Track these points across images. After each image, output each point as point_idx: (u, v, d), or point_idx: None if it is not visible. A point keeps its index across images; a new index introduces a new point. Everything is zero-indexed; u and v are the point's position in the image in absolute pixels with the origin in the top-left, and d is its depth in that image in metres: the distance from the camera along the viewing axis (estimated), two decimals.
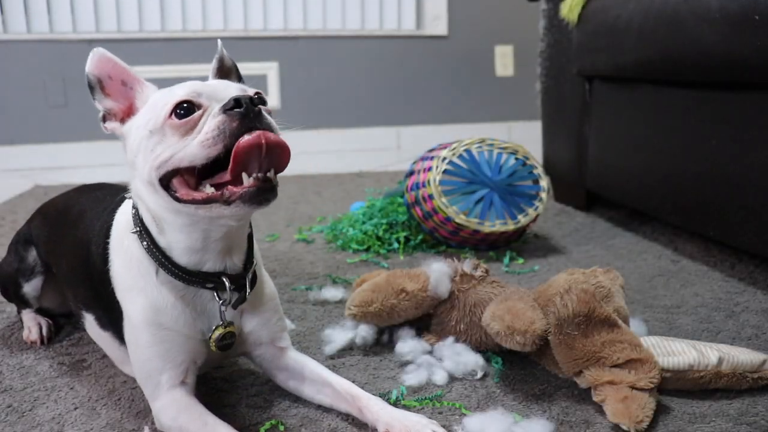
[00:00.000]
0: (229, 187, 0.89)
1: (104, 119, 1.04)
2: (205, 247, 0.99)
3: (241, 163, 0.88)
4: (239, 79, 1.11)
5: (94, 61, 1.02)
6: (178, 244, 0.99)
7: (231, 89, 0.98)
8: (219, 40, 1.11)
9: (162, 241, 1.00)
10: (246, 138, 0.87)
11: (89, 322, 1.19)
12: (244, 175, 0.89)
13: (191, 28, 4.00)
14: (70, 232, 1.23)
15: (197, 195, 0.91)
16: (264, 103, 0.96)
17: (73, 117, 3.83)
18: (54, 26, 3.82)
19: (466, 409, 1.07)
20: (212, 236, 0.99)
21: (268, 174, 0.90)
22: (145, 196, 0.99)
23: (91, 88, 1.03)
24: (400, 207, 2.11)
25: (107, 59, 1.03)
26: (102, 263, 1.08)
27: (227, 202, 0.90)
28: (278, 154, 0.90)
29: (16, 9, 3.75)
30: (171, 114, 0.92)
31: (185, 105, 0.92)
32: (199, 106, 0.93)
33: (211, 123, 0.90)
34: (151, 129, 0.94)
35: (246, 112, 0.89)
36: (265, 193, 0.90)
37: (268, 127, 0.90)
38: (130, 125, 1.01)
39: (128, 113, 1.03)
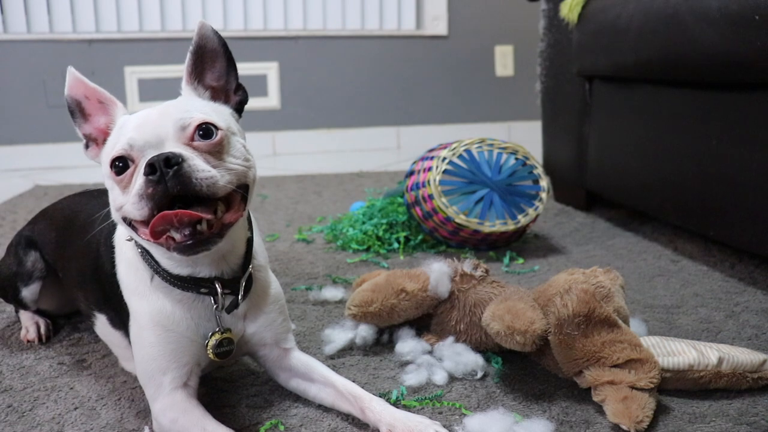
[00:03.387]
0: (166, 239, 0.89)
1: (87, 146, 1.05)
2: (192, 264, 1.00)
3: (159, 234, 0.89)
4: (228, 60, 1.05)
5: (70, 83, 1.03)
6: (163, 261, 1.01)
7: (165, 131, 0.94)
8: (200, 20, 1.04)
9: (153, 252, 1.02)
10: (154, 221, 0.87)
11: (101, 322, 1.20)
12: (173, 232, 0.89)
13: (191, 28, 3.99)
14: (79, 236, 1.24)
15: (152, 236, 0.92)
16: (210, 135, 0.94)
17: None
18: (54, 26, 3.82)
19: (466, 409, 1.07)
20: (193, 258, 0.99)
21: (199, 227, 0.89)
22: (123, 227, 1.00)
23: (71, 111, 1.03)
24: (400, 207, 2.11)
25: (79, 80, 1.03)
26: (110, 266, 1.10)
27: (169, 250, 0.91)
28: (196, 219, 0.88)
29: (16, 9, 3.75)
30: (111, 169, 0.94)
31: (121, 158, 0.93)
32: (132, 160, 0.93)
33: (136, 185, 0.90)
34: (106, 173, 0.97)
35: (159, 179, 0.87)
36: (198, 245, 0.89)
37: (186, 183, 0.87)
38: (102, 155, 1.02)
39: (106, 135, 1.02)
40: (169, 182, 0.87)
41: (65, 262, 1.28)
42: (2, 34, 3.74)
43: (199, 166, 0.90)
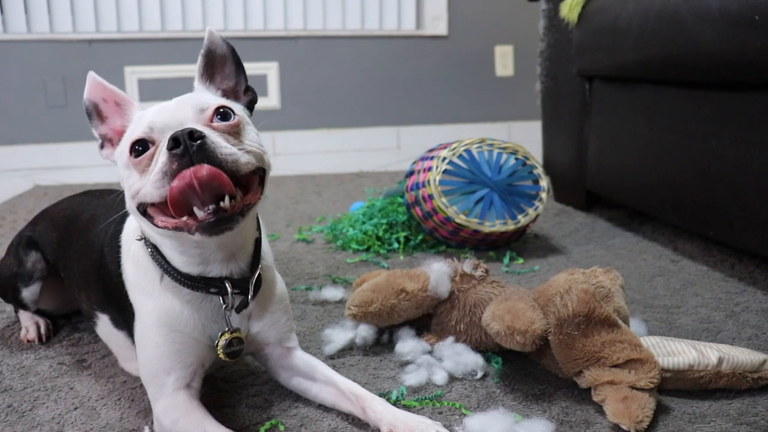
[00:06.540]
0: (188, 219, 0.89)
1: (102, 146, 1.06)
2: (205, 260, 1.00)
3: (180, 206, 0.88)
4: (237, 65, 1.08)
5: (89, 86, 1.04)
6: (175, 259, 1.01)
7: (184, 115, 0.95)
8: (209, 28, 1.06)
9: (164, 250, 1.01)
10: (175, 183, 0.87)
11: (103, 322, 1.20)
12: (196, 209, 0.89)
13: (191, 28, 4.00)
14: (82, 236, 1.24)
15: (169, 222, 0.92)
16: (228, 118, 0.95)
17: (73, 117, 3.83)
18: (54, 26, 3.82)
19: (466, 409, 1.07)
20: (207, 252, 0.99)
21: (222, 204, 0.88)
22: (137, 219, 1.00)
23: (89, 113, 1.05)
24: (400, 207, 2.11)
25: (98, 83, 1.04)
26: (115, 266, 1.10)
27: (191, 232, 0.90)
28: (218, 185, 0.88)
29: (16, 9, 3.75)
30: (130, 152, 0.95)
31: (141, 141, 0.94)
32: (152, 142, 0.94)
33: (158, 163, 0.90)
34: (123, 162, 0.97)
35: (183, 152, 0.87)
36: (222, 222, 0.89)
37: (212, 158, 0.88)
38: (117, 152, 1.02)
39: (120, 136, 1.03)
40: (194, 156, 0.87)
41: (67, 262, 1.28)
42: (2, 34, 3.74)
43: (221, 143, 0.91)
